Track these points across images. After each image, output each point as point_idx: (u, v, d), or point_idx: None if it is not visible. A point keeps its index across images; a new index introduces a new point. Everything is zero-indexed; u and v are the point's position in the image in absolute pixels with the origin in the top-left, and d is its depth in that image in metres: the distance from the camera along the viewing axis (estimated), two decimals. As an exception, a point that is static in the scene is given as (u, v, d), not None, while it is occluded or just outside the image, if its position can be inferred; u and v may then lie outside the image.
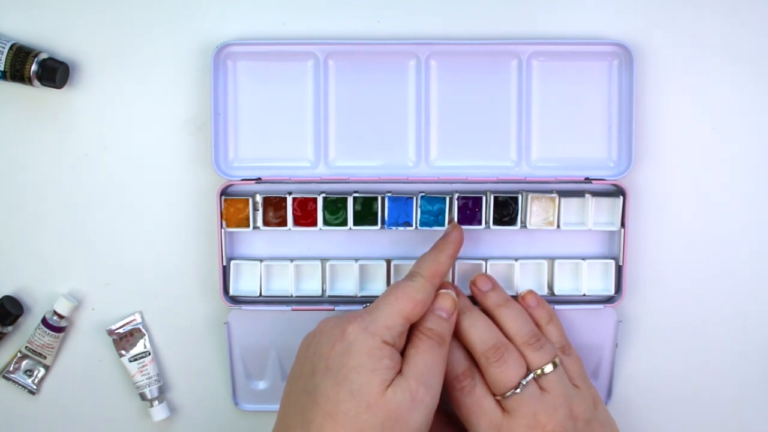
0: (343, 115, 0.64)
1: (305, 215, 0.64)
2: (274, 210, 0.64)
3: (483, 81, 0.64)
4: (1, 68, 0.63)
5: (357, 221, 0.64)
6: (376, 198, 0.64)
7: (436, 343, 0.56)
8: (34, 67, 0.62)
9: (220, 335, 0.66)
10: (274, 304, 0.65)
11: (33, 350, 0.66)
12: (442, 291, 0.59)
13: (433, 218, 0.64)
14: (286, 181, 0.64)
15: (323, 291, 0.65)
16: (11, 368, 0.66)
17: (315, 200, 0.64)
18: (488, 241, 0.65)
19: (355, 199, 0.64)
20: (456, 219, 0.64)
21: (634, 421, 0.67)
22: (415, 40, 0.64)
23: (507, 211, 0.64)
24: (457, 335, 0.60)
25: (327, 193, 0.64)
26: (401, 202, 0.64)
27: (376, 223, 0.64)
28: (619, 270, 0.64)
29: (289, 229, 0.64)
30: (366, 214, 0.64)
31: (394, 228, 0.64)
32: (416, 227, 0.64)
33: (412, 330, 0.57)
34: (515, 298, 0.63)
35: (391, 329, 0.54)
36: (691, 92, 0.65)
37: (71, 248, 0.66)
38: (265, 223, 0.64)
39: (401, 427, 0.52)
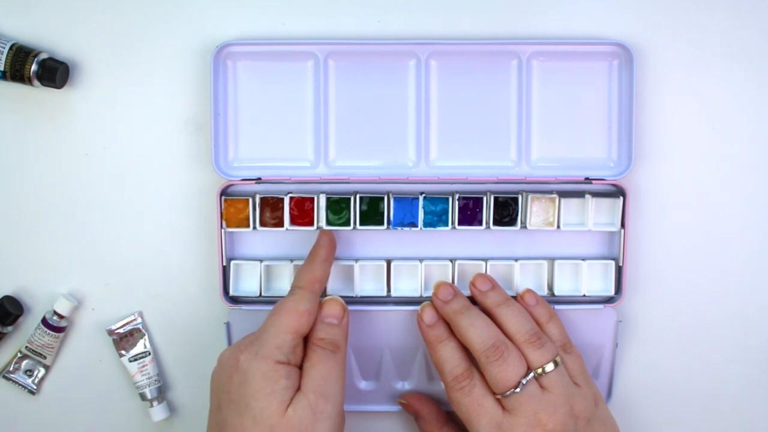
0: (343, 115, 0.64)
1: (302, 215, 0.64)
2: (271, 210, 0.64)
3: (483, 81, 0.64)
4: (1, 68, 0.62)
5: (363, 221, 0.63)
6: (382, 198, 0.63)
7: (329, 352, 0.57)
8: (34, 67, 0.62)
9: (220, 335, 0.66)
10: (274, 304, 0.65)
11: (33, 350, 0.66)
12: (328, 298, 0.61)
13: (436, 218, 0.64)
14: (286, 181, 0.64)
15: (323, 291, 0.65)
16: (11, 368, 0.66)
17: (312, 200, 0.63)
18: (488, 241, 0.65)
19: (361, 199, 0.63)
20: (456, 219, 0.63)
21: (634, 421, 0.67)
22: (415, 40, 0.64)
23: (507, 211, 0.64)
24: (457, 335, 0.60)
25: (327, 194, 0.64)
26: (407, 202, 0.64)
27: (382, 224, 0.64)
28: (619, 270, 0.64)
29: (286, 228, 0.64)
30: (372, 214, 0.64)
31: (399, 228, 0.64)
32: (420, 228, 0.64)
33: (306, 343, 0.58)
34: (515, 298, 0.63)
35: (281, 348, 0.56)
36: (691, 92, 0.65)
37: (71, 248, 0.66)
38: (262, 223, 0.64)
39: None
